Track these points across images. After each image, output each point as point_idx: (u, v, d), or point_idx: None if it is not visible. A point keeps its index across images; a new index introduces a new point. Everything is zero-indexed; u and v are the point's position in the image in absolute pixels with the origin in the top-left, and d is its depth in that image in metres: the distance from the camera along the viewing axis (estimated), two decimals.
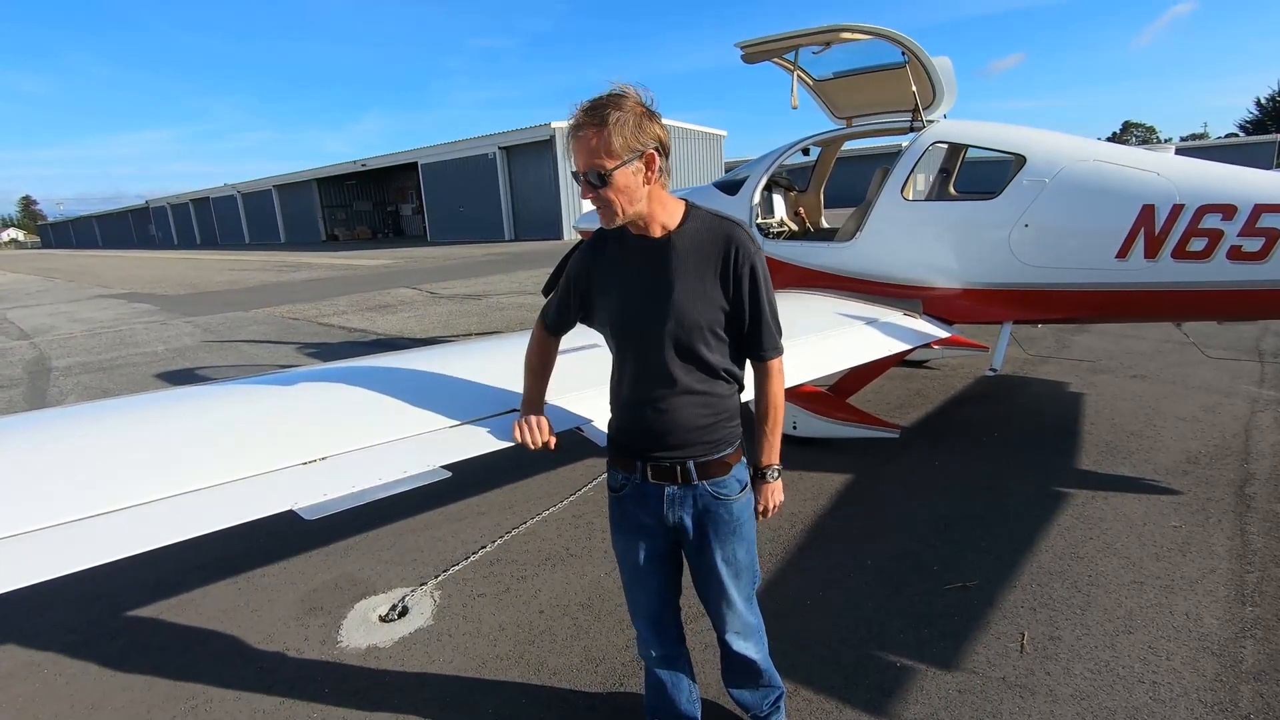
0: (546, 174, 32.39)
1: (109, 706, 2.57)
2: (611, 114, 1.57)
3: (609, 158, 1.58)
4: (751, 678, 2.13)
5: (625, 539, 1.94)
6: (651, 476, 1.82)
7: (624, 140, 1.58)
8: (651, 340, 1.73)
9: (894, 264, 4.65)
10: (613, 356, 1.88)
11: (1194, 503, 3.68)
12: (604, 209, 1.67)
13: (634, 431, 1.83)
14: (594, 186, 1.62)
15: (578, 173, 1.64)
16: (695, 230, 1.73)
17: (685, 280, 1.70)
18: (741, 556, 1.91)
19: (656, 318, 1.71)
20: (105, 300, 17.86)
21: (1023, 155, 4.26)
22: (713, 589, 1.94)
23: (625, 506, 1.90)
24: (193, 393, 2.51)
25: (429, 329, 10.56)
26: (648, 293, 1.73)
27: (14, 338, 12.23)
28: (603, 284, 1.82)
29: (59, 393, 7.92)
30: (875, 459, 4.44)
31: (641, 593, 1.99)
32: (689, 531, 1.87)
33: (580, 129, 1.60)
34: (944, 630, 2.75)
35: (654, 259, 1.73)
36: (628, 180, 1.62)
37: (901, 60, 4.51)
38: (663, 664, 2.09)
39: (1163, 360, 6.36)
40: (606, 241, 1.82)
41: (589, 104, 1.61)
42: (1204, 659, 2.51)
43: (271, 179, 53.26)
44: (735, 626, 2.00)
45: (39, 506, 1.60)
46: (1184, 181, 3.82)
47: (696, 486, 1.81)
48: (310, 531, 3.80)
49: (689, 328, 1.71)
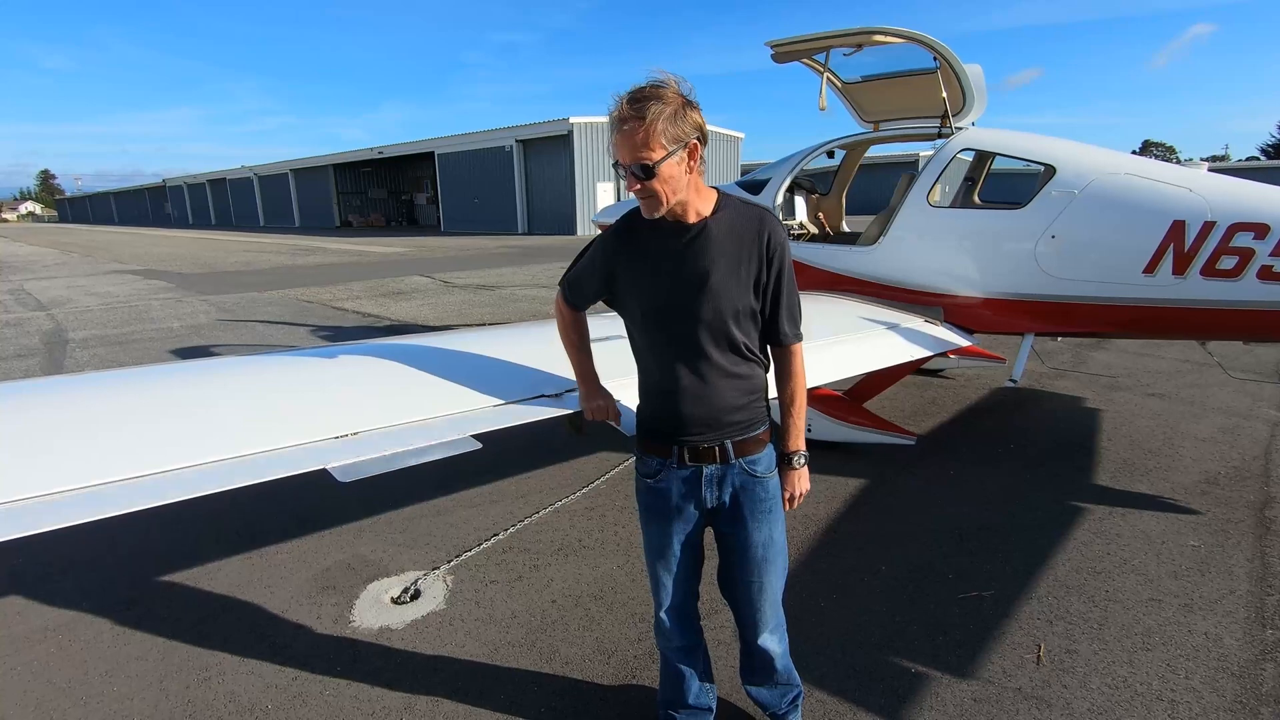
0: (562, 169, 32.38)
1: (123, 674, 2.59)
2: (654, 106, 1.57)
3: (654, 150, 1.58)
4: (771, 675, 2.13)
5: (658, 525, 1.94)
6: (689, 459, 1.83)
7: (668, 132, 1.58)
8: (688, 325, 1.74)
9: (916, 270, 4.62)
10: (639, 343, 1.87)
11: (1213, 523, 3.64)
12: (648, 200, 1.67)
13: (669, 416, 1.83)
14: (639, 178, 1.62)
15: (621, 164, 1.64)
16: (729, 217, 1.75)
17: (722, 266, 1.72)
18: (778, 538, 1.94)
19: (694, 303, 1.72)
20: (121, 276, 17.99)
21: (1052, 166, 4.23)
22: (746, 574, 1.95)
23: (660, 492, 1.89)
24: (231, 364, 2.53)
25: (443, 317, 10.59)
26: (684, 278, 1.73)
27: (31, 309, 12.33)
28: (635, 268, 1.81)
29: (75, 364, 7.98)
30: (890, 466, 4.42)
31: (669, 580, 1.99)
32: (726, 512, 1.88)
33: (624, 122, 1.59)
34: (959, 638, 2.73)
35: (690, 245, 1.73)
36: (672, 171, 1.62)
37: (933, 66, 4.49)
38: (681, 655, 2.09)
39: (1181, 380, 6.30)
40: (640, 226, 1.81)
41: (631, 96, 1.60)
42: (1224, 680, 2.48)
43: (288, 163, 53.54)
44: (762, 618, 2.00)
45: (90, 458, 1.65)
46: (1216, 198, 3.78)
47: (733, 465, 1.84)
48: (323, 512, 3.82)
49: (726, 312, 1.73)
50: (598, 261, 1.90)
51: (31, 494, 1.48)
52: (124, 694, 2.48)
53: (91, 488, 1.53)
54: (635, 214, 1.81)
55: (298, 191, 53.04)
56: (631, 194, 1.69)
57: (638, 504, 2.00)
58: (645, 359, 1.87)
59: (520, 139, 34.27)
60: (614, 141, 1.64)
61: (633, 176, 1.63)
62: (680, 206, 1.71)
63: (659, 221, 1.75)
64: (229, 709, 2.41)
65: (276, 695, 2.46)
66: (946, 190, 5.65)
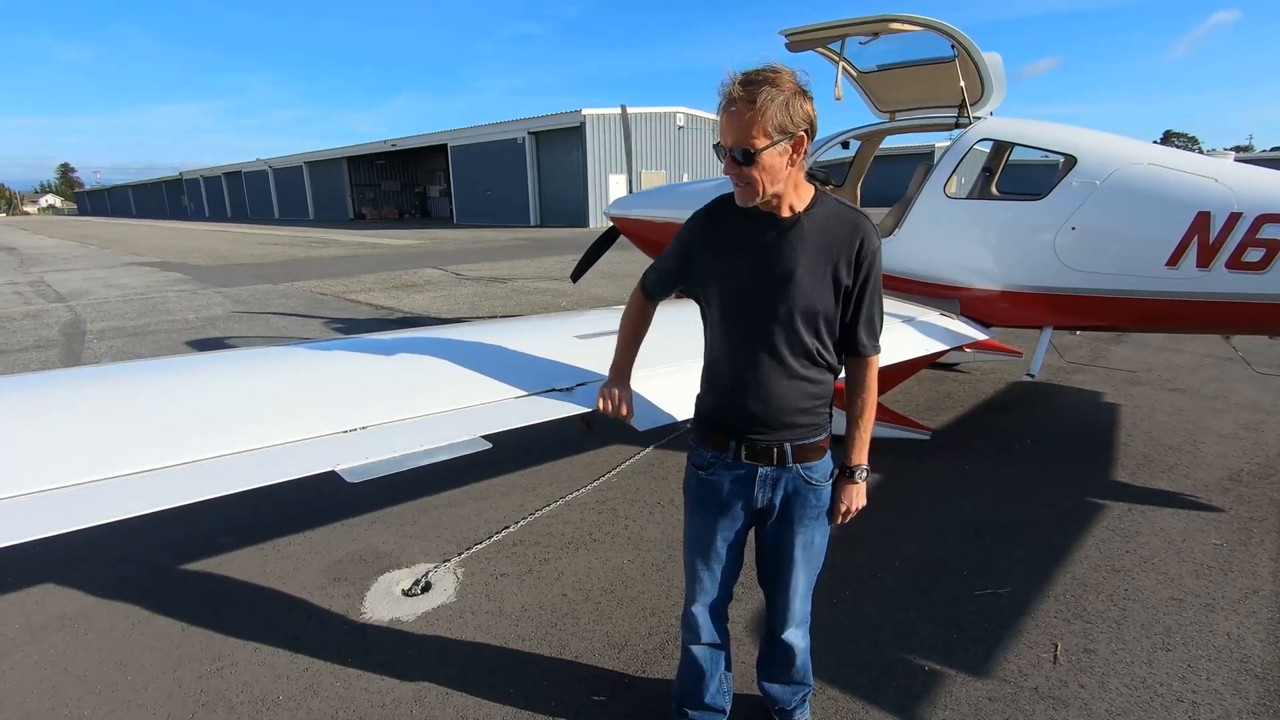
0: (575, 161, 32.32)
1: (136, 664, 2.61)
2: (767, 90, 1.52)
3: (759, 137, 1.54)
4: (789, 670, 2.10)
5: (704, 518, 1.91)
6: (745, 456, 1.79)
7: (776, 120, 1.53)
8: (763, 320, 1.70)
9: (933, 262, 4.55)
10: (711, 332, 1.84)
11: (1236, 521, 3.57)
12: (745, 186, 1.62)
13: (731, 410, 1.79)
14: (738, 164, 1.58)
15: (722, 147, 1.60)
16: (824, 215, 1.69)
17: (808, 264, 1.67)
18: (819, 543, 1.92)
19: (773, 298, 1.68)
20: (139, 268, 18.18)
21: (1073, 156, 4.14)
22: (783, 573, 1.93)
23: (711, 485, 1.86)
24: (236, 357, 2.53)
25: (455, 309, 10.61)
26: (768, 272, 1.68)
27: (51, 300, 12.48)
28: (717, 255, 1.77)
29: (93, 355, 8.07)
30: (904, 460, 4.37)
31: (707, 574, 1.95)
32: (775, 514, 1.85)
33: (733, 103, 1.55)
34: (974, 636, 2.69)
35: (779, 239, 1.68)
36: (774, 160, 1.58)
37: (951, 54, 4.41)
38: (706, 652, 2.06)
39: (1203, 375, 6.18)
40: (727, 214, 1.77)
41: (745, 77, 1.55)
42: (1246, 681, 2.43)
43: (302, 155, 53.87)
44: (791, 613, 1.99)
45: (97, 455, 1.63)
46: (1243, 189, 3.69)
47: (790, 469, 1.80)
48: (334, 504, 3.83)
49: (805, 312, 1.68)
50: (679, 247, 1.87)
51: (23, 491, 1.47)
52: (138, 683, 2.50)
53: (91, 483, 1.52)
54: (723, 200, 1.78)
55: (312, 184, 53.37)
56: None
57: (685, 494, 1.97)
58: (715, 349, 1.83)
59: (532, 131, 34.24)
60: (719, 121, 1.59)
61: (732, 160, 1.58)
62: (776, 199, 1.66)
63: (749, 211, 1.71)
64: (242, 699, 2.42)
65: (288, 686, 2.47)
66: (964, 181, 5.57)
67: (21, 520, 1.39)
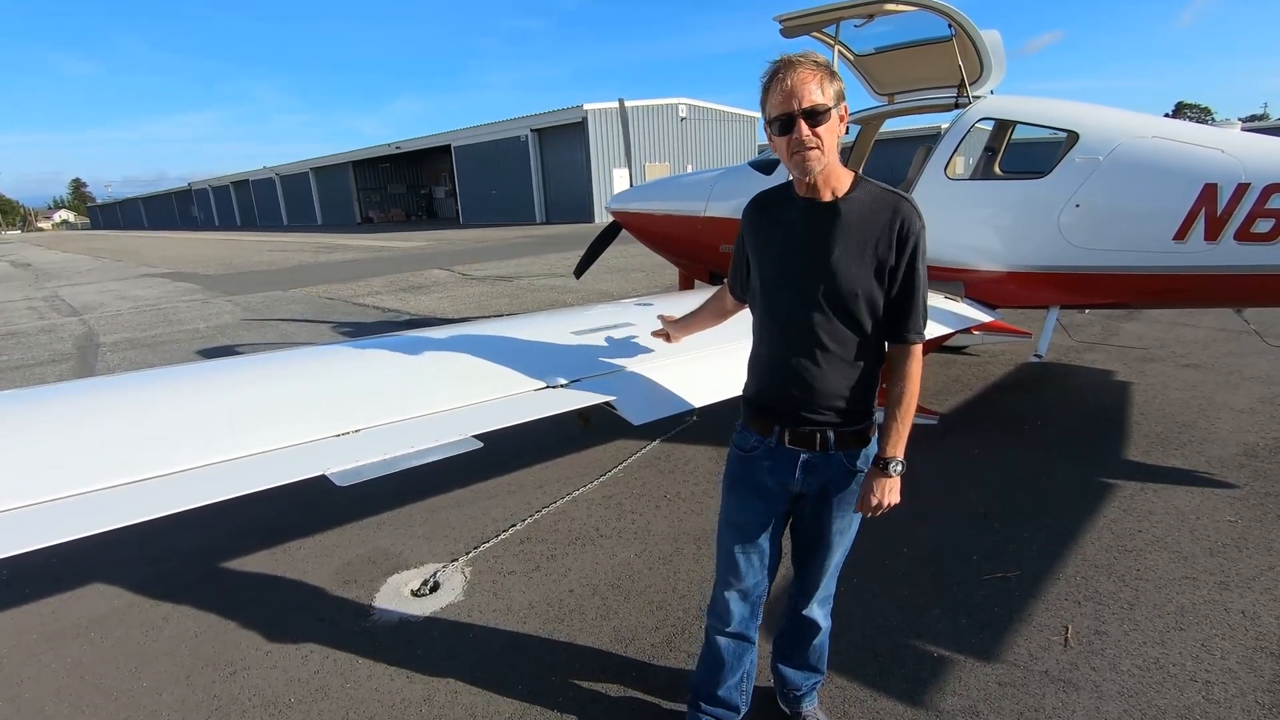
0: (578, 157, 32.31)
1: (151, 670, 2.64)
2: (816, 59, 1.59)
3: (826, 96, 1.58)
4: (806, 650, 2.10)
5: (742, 501, 1.90)
6: (789, 441, 1.79)
7: (832, 85, 1.59)
8: (805, 303, 1.69)
9: (936, 245, 4.43)
10: (756, 315, 1.85)
11: (1251, 497, 3.51)
12: (808, 153, 1.60)
13: (776, 394, 1.79)
14: (810, 124, 1.57)
15: (779, 118, 1.60)
16: (864, 198, 1.68)
17: (848, 247, 1.65)
18: (853, 526, 1.93)
19: (813, 280, 1.67)
20: (150, 279, 18.38)
21: (1075, 132, 4.07)
22: (816, 553, 1.94)
23: (752, 469, 1.86)
24: (232, 365, 2.55)
25: (461, 309, 10.64)
26: (808, 255, 1.68)
27: (65, 314, 12.65)
28: (763, 241, 1.79)
29: (106, 367, 8.17)
30: (912, 445, 4.30)
31: (743, 559, 1.93)
32: (813, 499, 1.85)
33: (792, 67, 1.57)
34: (983, 620, 2.67)
35: (820, 222, 1.68)
36: (833, 126, 1.61)
37: (948, 34, 4.34)
38: (730, 642, 2.03)
39: (1217, 349, 6.09)
40: (772, 201, 1.80)
41: (789, 56, 1.61)
42: (1261, 659, 2.39)
43: (308, 162, 54.17)
44: (817, 590, 1.99)
45: (93, 467, 1.65)
46: (1250, 159, 3.62)
47: (833, 455, 1.79)
48: (343, 505, 3.86)
49: (846, 295, 1.66)
50: (739, 240, 1.91)
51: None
52: (152, 689, 2.54)
53: (84, 494, 1.54)
54: (767, 192, 1.82)
55: (319, 190, 53.71)
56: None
57: (725, 475, 1.96)
58: (760, 332, 1.84)
59: (535, 128, 34.24)
60: (778, 90, 1.59)
61: (803, 121, 1.57)
62: (822, 178, 1.66)
63: (791, 197, 1.73)
64: (253, 703, 2.45)
65: (299, 689, 2.50)
66: (967, 162, 5.49)
67: (18, 532, 1.41)
